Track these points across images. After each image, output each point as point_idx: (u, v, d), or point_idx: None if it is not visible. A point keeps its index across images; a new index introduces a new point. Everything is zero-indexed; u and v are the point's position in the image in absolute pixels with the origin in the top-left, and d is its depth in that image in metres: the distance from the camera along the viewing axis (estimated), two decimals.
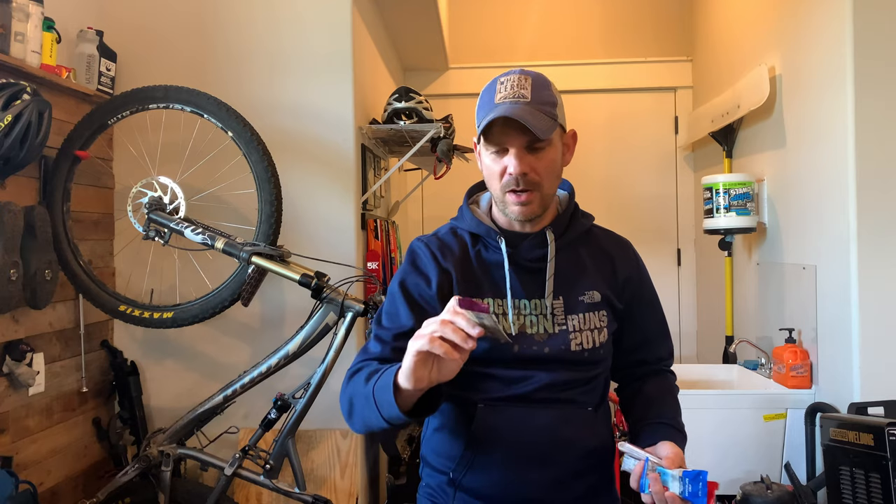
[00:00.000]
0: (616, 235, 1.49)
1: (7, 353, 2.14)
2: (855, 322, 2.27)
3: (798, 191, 2.69)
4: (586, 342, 1.30)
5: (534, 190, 1.27)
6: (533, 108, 1.23)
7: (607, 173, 4.38)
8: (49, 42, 2.25)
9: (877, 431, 1.95)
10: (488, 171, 1.31)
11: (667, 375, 1.50)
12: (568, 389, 1.29)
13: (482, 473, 1.28)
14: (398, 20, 3.56)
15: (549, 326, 1.29)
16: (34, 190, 2.29)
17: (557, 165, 1.32)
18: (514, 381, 1.28)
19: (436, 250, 1.35)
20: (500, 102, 1.25)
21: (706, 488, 1.07)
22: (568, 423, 1.28)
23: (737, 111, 3.14)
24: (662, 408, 1.39)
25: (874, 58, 2.28)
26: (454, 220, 1.43)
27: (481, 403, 1.28)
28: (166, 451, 2.34)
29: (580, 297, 1.33)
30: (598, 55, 4.41)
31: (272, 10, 2.67)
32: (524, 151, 1.26)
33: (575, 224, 1.40)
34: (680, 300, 4.33)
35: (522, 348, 1.28)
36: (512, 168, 1.25)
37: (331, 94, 2.65)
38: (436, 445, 1.37)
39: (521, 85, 1.26)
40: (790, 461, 2.46)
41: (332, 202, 2.64)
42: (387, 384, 1.12)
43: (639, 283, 1.46)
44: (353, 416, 1.24)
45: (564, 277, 1.33)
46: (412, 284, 1.33)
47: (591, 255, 1.40)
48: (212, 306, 2.30)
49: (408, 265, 1.36)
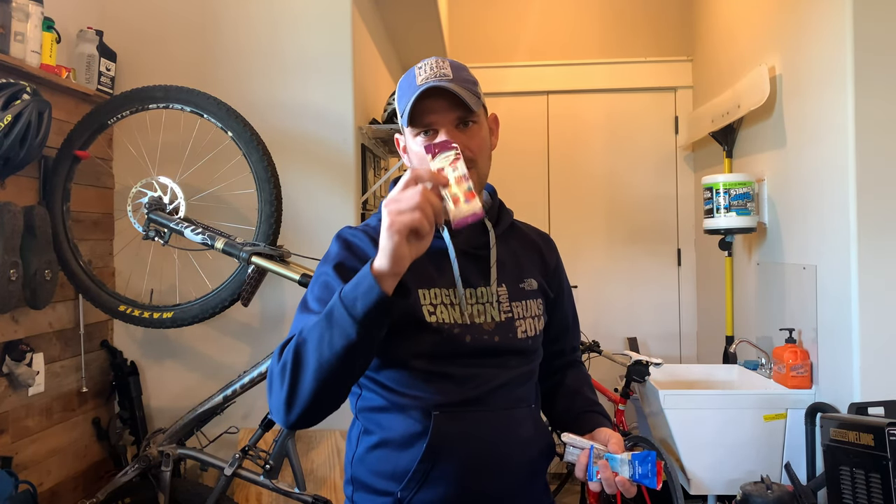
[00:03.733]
0: (537, 228, 1.47)
1: (7, 353, 2.14)
2: (855, 322, 2.27)
3: (798, 191, 2.69)
4: (530, 329, 1.28)
5: (470, 167, 1.19)
6: (457, 85, 1.20)
7: (607, 173, 4.38)
8: (49, 42, 2.25)
9: (877, 431, 1.95)
10: (418, 158, 1.22)
11: (581, 367, 1.49)
12: (518, 387, 1.26)
13: (437, 489, 1.19)
14: (398, 20, 3.55)
15: (496, 314, 1.25)
16: (34, 190, 2.29)
17: (487, 144, 1.28)
18: (468, 380, 1.21)
19: (375, 236, 1.22)
20: (422, 83, 1.20)
21: (655, 468, 1.07)
22: (521, 424, 1.25)
23: (737, 111, 3.13)
24: (587, 397, 1.38)
25: (874, 58, 2.28)
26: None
27: (436, 411, 1.18)
28: (166, 451, 2.34)
29: (521, 284, 1.31)
30: (597, 55, 4.41)
31: (272, 10, 2.67)
32: (455, 129, 1.21)
33: (504, 216, 1.37)
34: (680, 300, 4.33)
35: (474, 338, 1.22)
36: None
37: (331, 94, 2.65)
38: (375, 464, 1.23)
39: (441, 66, 1.22)
40: (790, 461, 2.46)
41: (332, 202, 2.64)
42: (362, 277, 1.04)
43: (562, 274, 1.44)
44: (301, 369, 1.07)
45: (504, 265, 1.31)
46: (350, 269, 1.18)
47: (522, 246, 1.38)
48: (212, 306, 2.30)
49: (342, 249, 1.24)
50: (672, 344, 4.30)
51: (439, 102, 1.20)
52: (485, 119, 1.29)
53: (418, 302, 1.21)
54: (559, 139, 4.43)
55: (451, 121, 1.22)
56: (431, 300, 1.22)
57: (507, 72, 4.41)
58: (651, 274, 4.34)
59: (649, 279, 4.33)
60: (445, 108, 1.21)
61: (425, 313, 1.21)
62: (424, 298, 1.21)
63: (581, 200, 4.38)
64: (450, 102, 1.20)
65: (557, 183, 4.42)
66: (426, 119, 1.21)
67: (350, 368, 1.09)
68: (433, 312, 1.21)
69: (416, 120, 1.22)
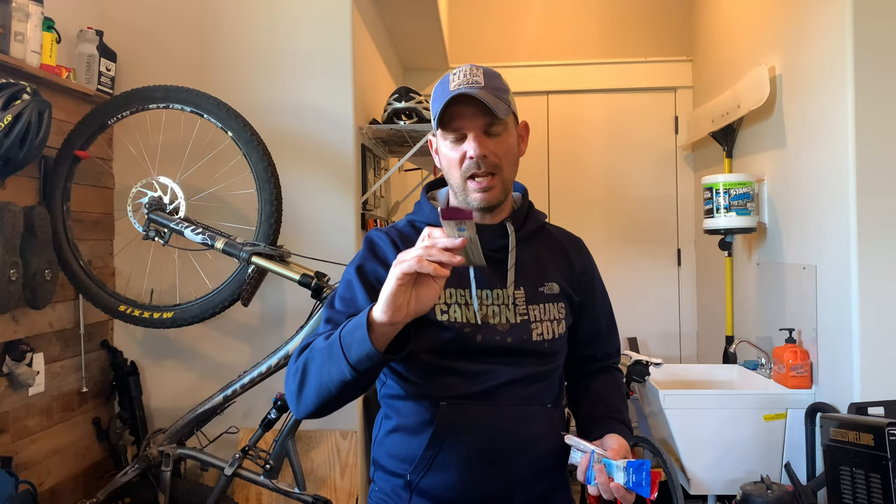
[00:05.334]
0: (568, 232, 1.50)
1: (7, 353, 2.14)
2: (855, 322, 2.27)
3: (798, 191, 2.69)
4: (546, 333, 1.31)
5: (495, 173, 1.28)
6: (488, 92, 1.25)
7: (607, 173, 4.38)
8: (49, 42, 2.25)
9: (877, 431, 1.95)
10: (447, 160, 1.31)
11: (614, 373, 1.51)
12: (529, 385, 1.29)
13: (441, 474, 1.26)
14: (398, 20, 3.56)
15: (511, 316, 1.29)
16: (34, 190, 2.30)
17: (515, 151, 1.33)
18: (477, 375, 1.27)
19: (396, 239, 1.34)
20: (454, 89, 1.26)
21: (650, 477, 1.08)
22: (530, 421, 1.28)
23: (737, 111, 3.13)
24: (610, 403, 1.40)
25: (874, 58, 2.28)
26: (411, 215, 1.42)
27: (444, 402, 1.26)
28: (166, 451, 2.34)
29: (540, 287, 1.34)
30: (598, 55, 4.41)
31: (272, 10, 2.67)
32: (483, 135, 1.27)
33: (531, 219, 1.41)
34: (680, 300, 4.33)
35: (486, 338, 1.27)
36: (472, 151, 1.26)
37: (331, 94, 2.65)
38: (391, 447, 1.33)
39: (474, 73, 1.28)
40: (790, 461, 2.46)
41: (332, 202, 2.64)
42: (358, 323, 1.09)
43: (592, 278, 1.47)
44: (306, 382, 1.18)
45: (524, 268, 1.34)
46: (370, 270, 1.31)
47: (547, 250, 1.41)
48: (212, 306, 2.30)
49: (366, 251, 1.34)
50: (672, 344, 4.31)
51: (468, 109, 1.25)
52: (514, 126, 1.34)
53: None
54: (559, 139, 4.43)
55: (480, 126, 1.27)
56: (446, 299, 1.28)
57: (506, 72, 4.29)
58: (651, 274, 4.34)
59: (649, 279, 4.33)
60: (474, 115, 1.26)
61: (437, 311, 1.27)
62: (439, 297, 1.24)
63: (581, 200, 4.38)
64: (479, 109, 1.25)
65: (557, 183, 4.42)
66: (455, 124, 1.27)
67: (347, 395, 1.17)
68: (446, 311, 1.27)
69: (446, 124, 1.28)
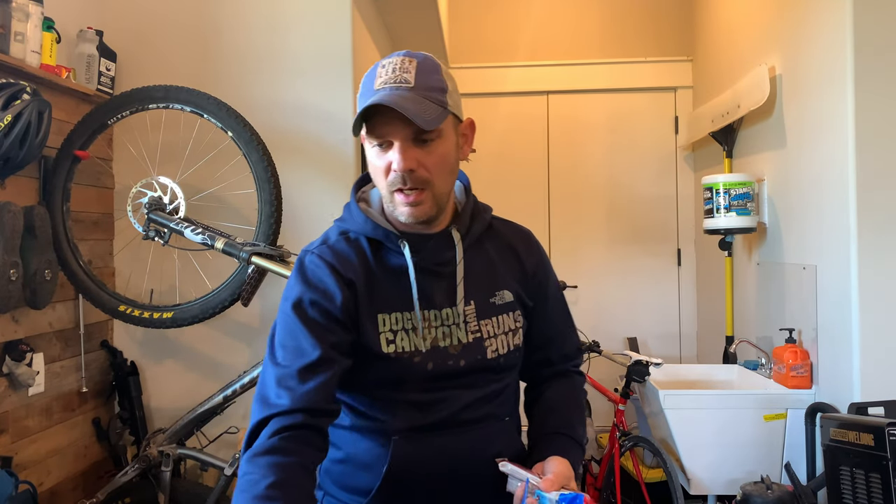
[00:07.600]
0: (516, 226, 1.34)
1: (7, 353, 2.14)
2: (855, 322, 2.27)
3: (798, 191, 2.69)
4: (501, 347, 1.20)
5: (424, 188, 1.11)
6: (416, 95, 1.08)
7: (607, 173, 4.38)
8: (49, 42, 2.25)
9: (877, 431, 1.95)
10: (373, 167, 1.14)
11: (572, 377, 1.37)
12: (487, 403, 1.20)
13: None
14: (398, 20, 3.55)
15: (463, 336, 1.17)
16: (34, 190, 2.29)
17: (451, 160, 1.15)
18: (432, 405, 1.15)
19: (333, 261, 1.16)
20: (379, 88, 1.09)
21: None
22: (490, 441, 1.19)
23: (737, 111, 3.13)
24: (563, 415, 1.28)
25: (874, 58, 2.28)
26: (340, 223, 1.24)
27: (396, 436, 1.14)
28: (166, 451, 2.34)
29: (491, 298, 1.22)
30: (598, 55, 4.41)
31: (272, 10, 2.67)
32: (410, 144, 1.09)
33: (477, 219, 1.25)
34: (680, 300, 4.32)
35: (437, 365, 1.15)
36: (396, 164, 1.09)
37: (331, 94, 2.65)
38: (339, 478, 1.21)
39: (405, 69, 1.10)
40: (790, 461, 2.46)
41: (331, 202, 2.63)
42: None
43: (544, 276, 1.31)
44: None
45: (474, 279, 1.21)
46: (309, 304, 1.12)
47: (497, 251, 1.26)
48: (212, 306, 2.30)
49: (299, 283, 1.15)
50: (672, 344, 4.30)
51: (395, 112, 1.06)
52: (453, 130, 1.16)
53: (376, 330, 1.14)
54: (559, 139, 4.43)
55: (407, 135, 1.09)
56: (392, 326, 1.15)
57: (506, 72, 4.41)
58: (651, 274, 4.33)
59: (649, 279, 4.33)
60: (400, 122, 1.07)
61: (383, 342, 1.14)
62: (384, 325, 1.15)
63: (581, 200, 4.38)
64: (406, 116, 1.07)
65: (557, 183, 4.42)
66: (379, 130, 1.10)
67: None
68: (392, 341, 1.14)
69: (371, 130, 1.11)
